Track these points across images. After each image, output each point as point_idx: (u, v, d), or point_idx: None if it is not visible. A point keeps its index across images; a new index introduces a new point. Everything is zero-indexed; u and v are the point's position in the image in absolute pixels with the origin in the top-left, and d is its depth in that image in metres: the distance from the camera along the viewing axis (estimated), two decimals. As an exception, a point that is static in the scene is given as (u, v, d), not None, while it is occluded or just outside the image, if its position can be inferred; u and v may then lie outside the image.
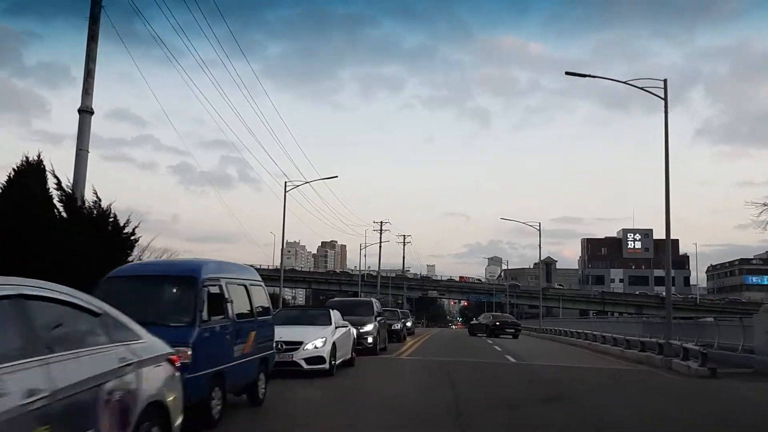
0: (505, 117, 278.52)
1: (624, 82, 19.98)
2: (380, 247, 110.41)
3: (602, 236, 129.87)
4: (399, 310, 38.66)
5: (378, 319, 18.20)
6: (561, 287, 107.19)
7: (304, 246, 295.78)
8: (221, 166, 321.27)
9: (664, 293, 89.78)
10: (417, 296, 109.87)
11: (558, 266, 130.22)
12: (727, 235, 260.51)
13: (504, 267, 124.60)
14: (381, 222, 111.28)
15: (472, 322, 48.43)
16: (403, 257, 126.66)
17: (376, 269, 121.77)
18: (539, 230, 45.08)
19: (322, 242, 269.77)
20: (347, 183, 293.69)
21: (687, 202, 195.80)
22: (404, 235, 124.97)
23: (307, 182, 37.34)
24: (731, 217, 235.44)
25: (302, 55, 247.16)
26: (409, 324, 32.21)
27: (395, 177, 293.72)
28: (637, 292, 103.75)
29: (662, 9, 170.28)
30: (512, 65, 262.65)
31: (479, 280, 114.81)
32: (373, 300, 21.59)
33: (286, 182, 36.17)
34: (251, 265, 11.67)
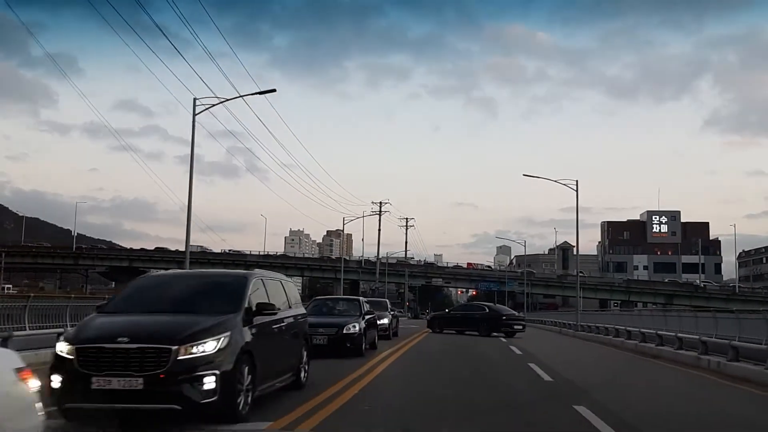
0: (513, 106, 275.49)
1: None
2: (379, 230, 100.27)
3: (624, 219, 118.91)
4: (383, 300, 30.75)
5: (367, 317, 16.54)
6: (582, 274, 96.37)
7: (309, 234, 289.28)
8: (228, 157, 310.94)
9: (695, 281, 77.82)
10: (420, 284, 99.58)
11: (574, 252, 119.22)
12: (738, 225, 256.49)
13: (516, 254, 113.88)
14: (380, 202, 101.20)
15: (434, 313, 37.15)
16: (406, 242, 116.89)
17: (382, 256, 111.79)
18: (576, 189, 34.51)
19: (328, 231, 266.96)
20: (353, 171, 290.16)
21: (696, 191, 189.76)
22: (406, 218, 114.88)
23: (223, 101, 23.31)
24: (741, 206, 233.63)
25: (308, 45, 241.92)
26: (384, 322, 22.72)
27: (402, 166, 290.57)
28: (666, 280, 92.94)
29: None
30: (519, 54, 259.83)
31: (489, 266, 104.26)
32: (361, 299, 19.43)
33: (195, 98, 24.97)
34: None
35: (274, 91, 25.73)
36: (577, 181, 34.18)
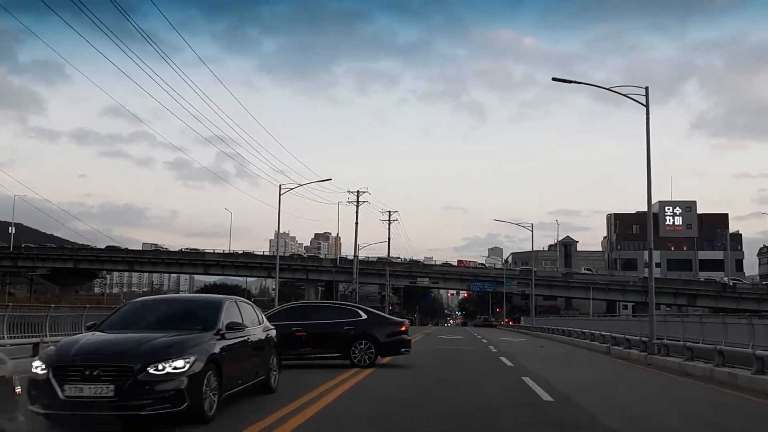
0: (502, 111, 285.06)
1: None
2: (357, 222, 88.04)
3: (633, 210, 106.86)
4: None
5: (223, 336, 8.08)
6: (590, 272, 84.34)
7: (294, 237, 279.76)
8: (217, 162, 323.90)
9: (717, 278, 63.31)
10: (404, 285, 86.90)
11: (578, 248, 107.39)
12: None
13: (510, 251, 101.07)
14: (357, 191, 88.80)
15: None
16: (389, 237, 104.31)
17: (376, 256, 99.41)
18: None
19: (316, 234, 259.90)
20: (343, 177, 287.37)
21: (685, 194, 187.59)
22: (389, 211, 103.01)
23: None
24: (730, 208, 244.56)
25: (298, 51, 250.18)
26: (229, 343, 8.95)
27: (392, 170, 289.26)
28: (703, 279, 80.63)
29: (656, 2, 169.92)
30: (507, 59, 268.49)
31: (482, 264, 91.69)
32: (229, 300, 9.27)
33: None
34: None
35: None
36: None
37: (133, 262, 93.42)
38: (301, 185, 28.02)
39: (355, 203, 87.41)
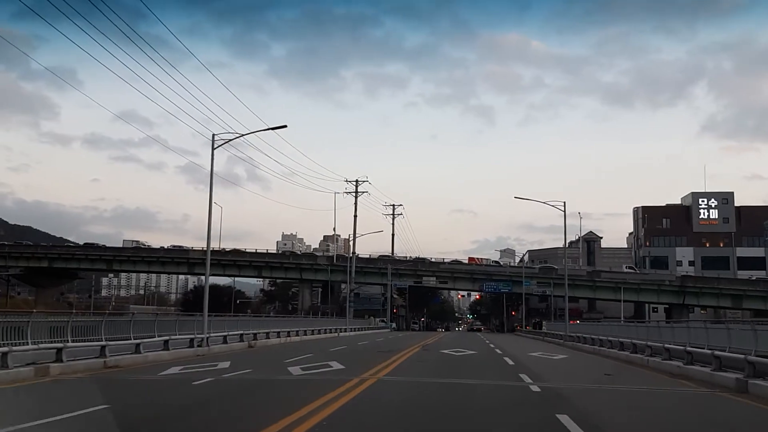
0: (510, 114, 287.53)
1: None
2: (355, 216, 79.02)
3: (663, 203, 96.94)
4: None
5: None
6: (633, 270, 74.97)
7: (302, 239, 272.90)
8: (229, 166, 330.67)
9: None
10: (408, 285, 77.53)
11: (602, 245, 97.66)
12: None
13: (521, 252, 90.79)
14: (356, 181, 79.70)
15: None
16: (392, 234, 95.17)
17: (378, 253, 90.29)
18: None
19: (324, 236, 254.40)
20: (351, 179, 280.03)
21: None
22: (393, 205, 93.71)
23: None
24: None
25: (306, 55, 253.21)
26: None
27: (400, 174, 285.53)
28: (755, 278, 70.95)
29: (664, 4, 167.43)
30: (515, 62, 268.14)
31: (497, 262, 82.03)
32: None
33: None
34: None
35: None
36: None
37: (111, 261, 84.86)
38: (239, 135, 19.52)
39: (354, 194, 78.37)
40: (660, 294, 70.11)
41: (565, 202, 33.00)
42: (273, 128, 21.85)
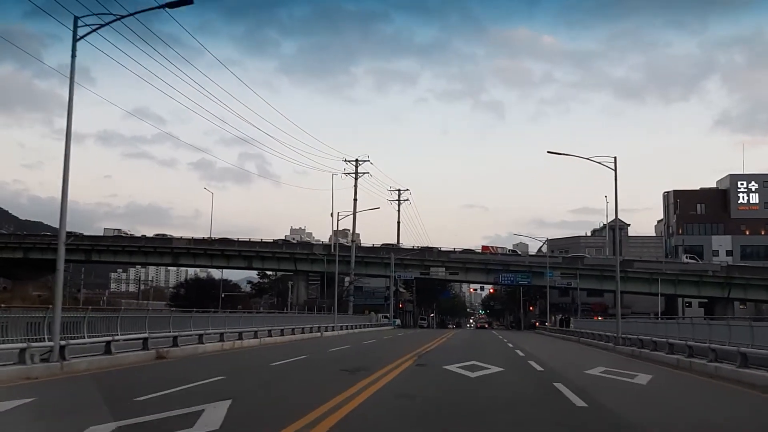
0: (521, 109, 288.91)
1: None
2: (355, 199, 71.42)
3: (697, 186, 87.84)
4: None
5: None
6: (695, 261, 66.20)
7: (311, 233, 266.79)
8: (240, 162, 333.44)
9: None
10: (413, 277, 69.16)
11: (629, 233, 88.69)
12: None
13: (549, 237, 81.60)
14: (356, 160, 71.69)
15: None
16: (398, 222, 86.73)
17: (381, 242, 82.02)
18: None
19: (334, 231, 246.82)
20: (375, 193, 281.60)
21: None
22: (399, 190, 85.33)
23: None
24: None
25: (316, 52, 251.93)
26: None
27: (411, 169, 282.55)
28: None
29: None
30: (526, 57, 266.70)
31: (514, 250, 73.35)
32: None
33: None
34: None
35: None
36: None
37: (90, 251, 76.98)
38: (114, 20, 14.41)
39: (354, 174, 70.02)
40: (701, 286, 61.22)
41: (615, 158, 24.39)
42: (164, 6, 13.47)
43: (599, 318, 64.40)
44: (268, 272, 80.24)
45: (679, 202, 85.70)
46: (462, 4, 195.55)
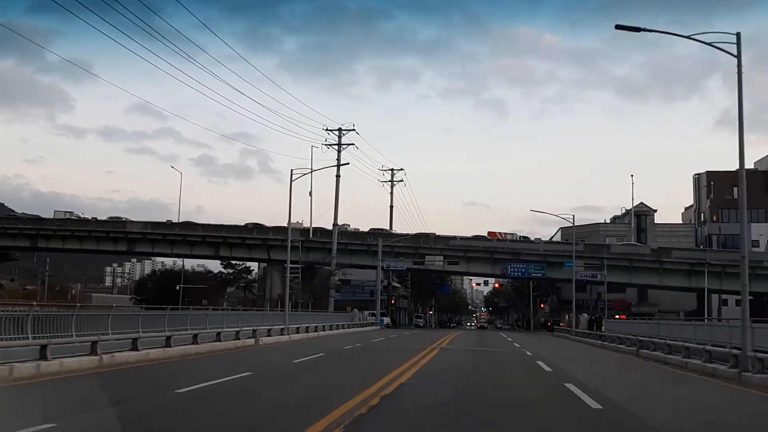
0: (523, 107, 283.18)
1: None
2: (338, 176, 61.35)
3: (731, 167, 76.56)
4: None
5: None
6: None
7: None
8: (241, 158, 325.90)
9: None
10: (405, 267, 58.50)
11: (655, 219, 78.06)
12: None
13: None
14: (339, 129, 61.47)
15: None
16: (391, 206, 76.25)
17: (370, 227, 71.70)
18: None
19: (333, 225, 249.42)
20: (365, 175, 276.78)
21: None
22: (392, 169, 75.06)
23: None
24: None
25: (318, 50, 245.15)
26: None
27: (413, 167, 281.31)
28: None
29: None
30: (528, 56, 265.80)
31: (526, 237, 62.65)
32: None
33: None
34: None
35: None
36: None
37: (36, 237, 66.49)
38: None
39: (336, 146, 59.28)
40: (754, 280, 50.29)
41: (739, 33, 13.86)
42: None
43: (623, 317, 54.03)
44: (235, 262, 69.49)
45: (713, 185, 74.85)
46: (464, 2, 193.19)
